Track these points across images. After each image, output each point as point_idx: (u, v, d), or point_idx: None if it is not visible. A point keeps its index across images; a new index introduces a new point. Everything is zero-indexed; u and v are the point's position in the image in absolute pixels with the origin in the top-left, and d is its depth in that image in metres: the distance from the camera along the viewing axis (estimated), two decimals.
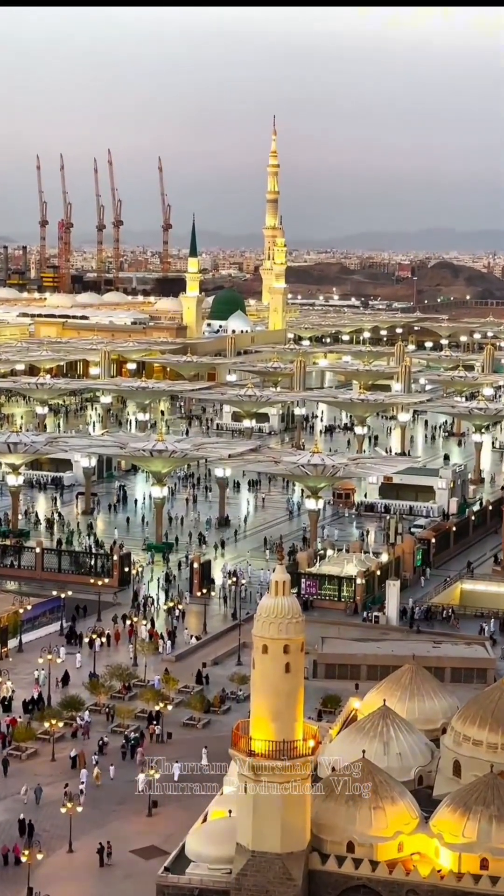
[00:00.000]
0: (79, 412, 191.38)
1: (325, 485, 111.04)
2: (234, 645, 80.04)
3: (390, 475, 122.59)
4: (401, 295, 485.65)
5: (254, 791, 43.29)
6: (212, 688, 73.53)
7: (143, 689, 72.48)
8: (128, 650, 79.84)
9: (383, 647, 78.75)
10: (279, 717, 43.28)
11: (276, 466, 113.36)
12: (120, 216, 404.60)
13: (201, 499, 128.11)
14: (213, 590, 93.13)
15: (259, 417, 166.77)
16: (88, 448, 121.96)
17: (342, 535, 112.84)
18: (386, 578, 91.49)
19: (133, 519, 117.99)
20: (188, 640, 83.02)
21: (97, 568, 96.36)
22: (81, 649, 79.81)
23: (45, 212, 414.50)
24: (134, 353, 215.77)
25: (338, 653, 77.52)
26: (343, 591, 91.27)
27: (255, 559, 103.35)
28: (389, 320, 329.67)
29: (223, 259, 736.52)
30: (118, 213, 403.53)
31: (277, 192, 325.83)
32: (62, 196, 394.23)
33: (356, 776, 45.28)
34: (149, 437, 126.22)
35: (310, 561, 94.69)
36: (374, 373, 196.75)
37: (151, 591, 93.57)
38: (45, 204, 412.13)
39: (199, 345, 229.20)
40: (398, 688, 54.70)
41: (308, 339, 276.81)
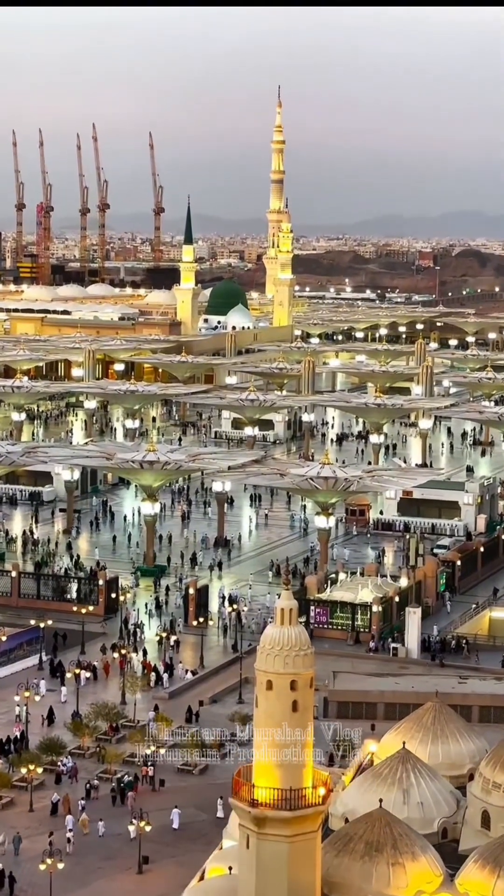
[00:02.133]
0: (60, 419, 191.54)
1: (336, 500, 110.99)
2: (235, 681, 79.97)
3: (410, 489, 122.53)
4: (421, 287, 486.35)
5: (257, 846, 43.19)
6: (209, 729, 73.43)
7: (132, 730, 72.40)
8: (118, 685, 79.75)
9: (402, 683, 78.64)
10: (285, 762, 43.20)
11: (282, 480, 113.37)
12: (106, 199, 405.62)
13: (198, 516, 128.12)
14: (210, 618, 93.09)
15: (262, 425, 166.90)
16: (71, 459, 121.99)
17: (356, 557, 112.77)
18: (405, 605, 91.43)
19: (120, 538, 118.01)
20: (183, 674, 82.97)
21: (81, 594, 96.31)
22: (66, 684, 79.73)
23: (22, 194, 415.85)
24: (122, 353, 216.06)
25: (351, 689, 77.44)
26: (357, 620, 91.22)
27: (258, 583, 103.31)
28: (409, 315, 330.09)
29: (222, 247, 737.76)
30: (104, 195, 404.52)
31: (283, 171, 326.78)
32: (41, 176, 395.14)
33: (373, 828, 45.17)
34: (138, 446, 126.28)
35: (319, 586, 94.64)
36: (391, 374, 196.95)
37: (142, 618, 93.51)
38: (22, 185, 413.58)
39: (194, 343, 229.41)
40: (419, 729, 54.61)
41: (317, 336, 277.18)
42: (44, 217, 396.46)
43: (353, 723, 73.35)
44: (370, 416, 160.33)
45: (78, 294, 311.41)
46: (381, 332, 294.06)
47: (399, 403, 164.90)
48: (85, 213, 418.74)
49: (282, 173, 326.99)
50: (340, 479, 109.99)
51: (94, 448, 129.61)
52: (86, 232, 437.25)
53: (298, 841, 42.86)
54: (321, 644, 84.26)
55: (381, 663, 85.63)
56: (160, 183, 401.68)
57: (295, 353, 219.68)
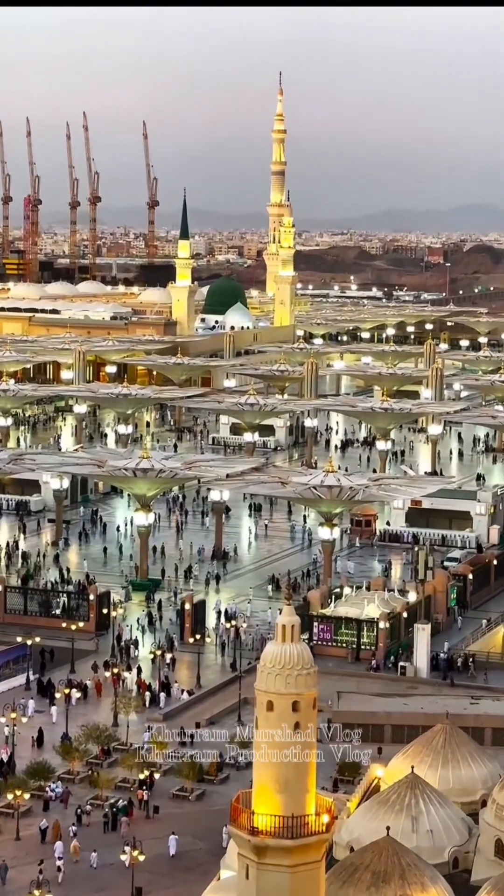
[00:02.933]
0: (48, 424, 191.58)
1: (341, 510, 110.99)
2: (234, 701, 79.95)
3: (419, 499, 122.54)
4: (431, 284, 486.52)
5: (257, 876, 43.17)
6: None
7: (124, 753, 72.38)
8: (110, 705, 79.71)
9: (411, 704, 78.67)
10: (287, 787, 43.19)
11: (283, 488, 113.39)
12: (97, 191, 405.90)
13: (195, 527, 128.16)
14: (207, 635, 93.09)
15: (262, 430, 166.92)
16: (60, 467, 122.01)
17: (361, 571, 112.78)
18: (414, 622, 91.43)
19: (112, 550, 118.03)
20: (179, 695, 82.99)
21: (70, 609, 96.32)
22: (55, 704, 79.71)
23: (9, 186, 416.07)
24: (114, 354, 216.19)
25: (357, 710, 77.42)
26: (363, 637, 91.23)
27: (258, 598, 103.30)
28: (417, 314, 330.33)
29: (220, 242, 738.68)
30: (95, 187, 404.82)
31: (284, 162, 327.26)
32: (28, 168, 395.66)
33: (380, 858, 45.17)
34: (131, 453, 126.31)
35: (323, 601, 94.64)
36: (399, 377, 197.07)
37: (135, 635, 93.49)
38: (9, 177, 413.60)
39: (191, 344, 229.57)
40: (429, 752, 54.65)
41: (321, 336, 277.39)
42: (31, 211, 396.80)
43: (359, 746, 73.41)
44: (376, 421, 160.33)
45: (67, 292, 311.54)
46: (388, 332, 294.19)
47: (407, 408, 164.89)
48: (75, 207, 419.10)
49: (283, 164, 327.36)
50: (345, 487, 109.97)
51: (85, 455, 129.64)
52: (76, 226, 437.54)
53: (301, 871, 42.84)
54: (325, 663, 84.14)
55: (388, 683, 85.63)
56: (154, 175, 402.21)
57: (297, 355, 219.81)
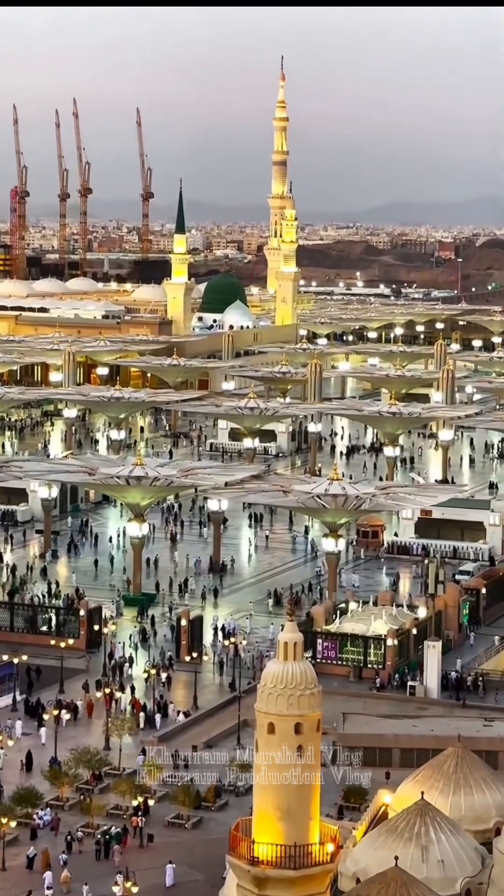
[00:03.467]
0: (36, 429, 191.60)
1: (346, 520, 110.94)
2: (233, 723, 79.89)
3: (429, 508, 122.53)
4: (441, 281, 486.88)
5: None
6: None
7: (116, 778, 72.33)
8: (101, 727, 79.65)
9: (421, 726, 78.57)
10: (289, 814, 43.17)
11: (285, 498, 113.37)
12: (88, 182, 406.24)
13: (191, 538, 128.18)
14: (205, 653, 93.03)
15: (263, 436, 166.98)
16: (48, 475, 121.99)
17: (368, 584, 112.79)
18: (424, 639, 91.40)
19: (103, 563, 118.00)
20: (175, 716, 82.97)
21: (59, 626, 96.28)
22: (45, 725, 79.64)
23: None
24: (106, 355, 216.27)
25: (364, 733, 77.36)
26: (370, 655, 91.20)
27: (258, 614, 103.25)
28: (427, 313, 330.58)
29: (218, 236, 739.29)
30: (86, 178, 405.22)
31: (286, 151, 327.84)
32: (15, 157, 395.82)
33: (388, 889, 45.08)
34: (124, 460, 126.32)
35: (327, 616, 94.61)
36: (408, 379, 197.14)
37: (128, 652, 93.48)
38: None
39: (187, 344, 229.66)
40: (440, 777, 54.53)
41: (325, 336, 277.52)
42: (18, 203, 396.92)
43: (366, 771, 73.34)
44: (384, 426, 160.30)
45: (56, 289, 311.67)
46: (396, 331, 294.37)
47: (417, 412, 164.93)
48: (64, 199, 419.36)
49: (285, 154, 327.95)
50: (351, 496, 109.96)
51: (75, 462, 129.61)
52: (65, 220, 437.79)
53: None
54: (329, 682, 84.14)
55: (397, 704, 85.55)
56: (149, 165, 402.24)
57: (300, 356, 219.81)
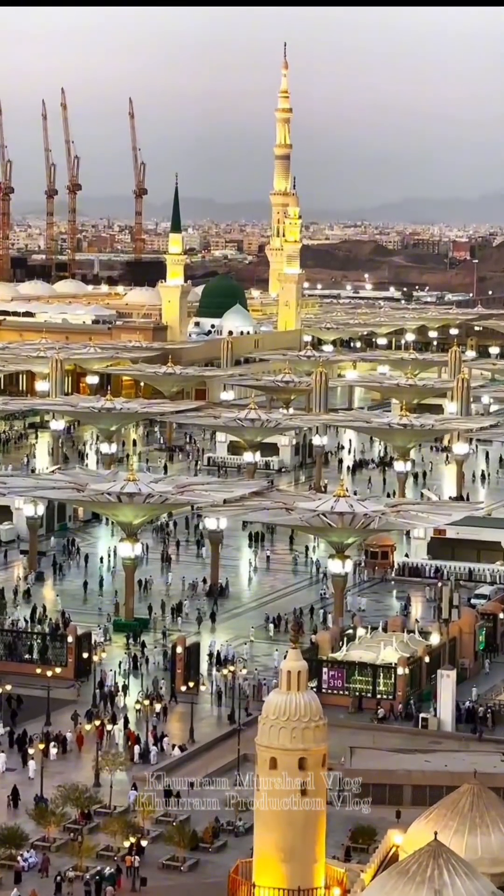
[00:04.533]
0: (21, 442, 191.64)
1: (354, 540, 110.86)
2: (232, 758, 79.81)
3: (442, 527, 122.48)
4: (456, 283, 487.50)
5: None
6: (200, 816, 73.29)
7: (107, 817, 72.21)
8: (91, 762, 79.55)
9: (434, 761, 78.49)
10: (293, 856, 43.14)
11: (289, 515, 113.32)
12: (77, 178, 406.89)
13: (188, 558, 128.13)
14: (202, 683, 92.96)
15: (265, 449, 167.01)
16: (34, 491, 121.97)
17: (377, 609, 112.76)
18: (437, 667, 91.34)
19: (92, 585, 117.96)
20: (170, 750, 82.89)
21: (46, 653, 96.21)
22: (31, 759, 79.50)
23: None
24: (96, 363, 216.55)
25: (373, 769, 77.26)
26: (379, 684, 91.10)
27: (259, 640, 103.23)
28: (441, 317, 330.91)
29: (216, 236, 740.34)
30: (75, 173, 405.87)
31: (290, 145, 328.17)
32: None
33: None
34: (115, 475, 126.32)
35: (334, 643, 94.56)
36: (420, 389, 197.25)
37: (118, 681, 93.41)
38: None
39: (183, 351, 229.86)
40: (454, 816, 54.46)
41: (331, 343, 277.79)
42: (2, 200, 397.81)
43: (375, 809, 73.23)
44: (394, 438, 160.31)
45: (43, 292, 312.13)
46: (407, 337, 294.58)
47: (429, 424, 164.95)
48: (52, 196, 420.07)
49: (288, 147, 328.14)
50: (359, 515, 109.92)
51: (63, 477, 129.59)
52: (53, 218, 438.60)
53: None
54: (335, 714, 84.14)
55: (408, 737, 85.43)
56: (142, 159, 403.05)
57: (304, 363, 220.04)
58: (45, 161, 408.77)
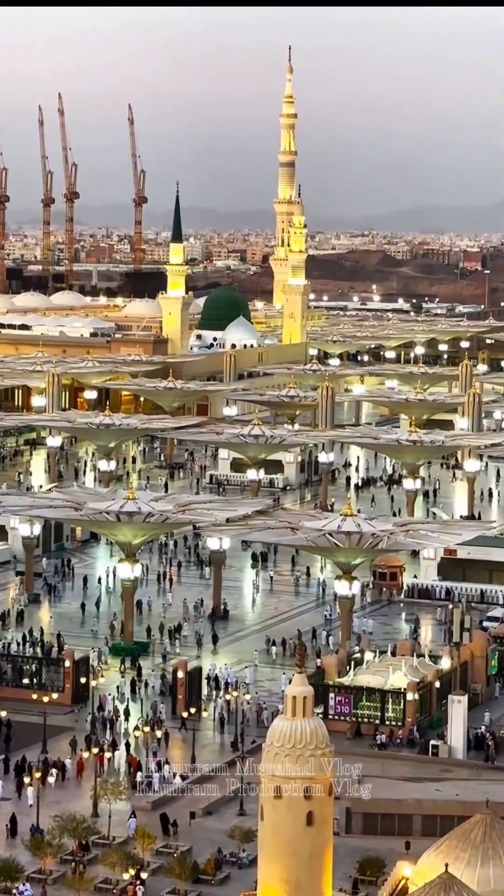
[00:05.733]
0: (16, 459, 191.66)
1: (361, 561, 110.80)
2: (235, 787, 79.70)
3: (453, 547, 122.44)
4: (467, 295, 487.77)
5: None
6: (202, 847, 73.20)
7: (105, 848, 72.11)
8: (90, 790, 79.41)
9: (445, 790, 78.36)
10: (298, 888, 43.10)
11: (294, 535, 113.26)
12: (75, 186, 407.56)
13: (190, 580, 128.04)
14: (204, 709, 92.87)
15: (269, 467, 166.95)
16: (30, 510, 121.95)
17: (386, 632, 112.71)
18: (448, 692, 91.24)
19: (89, 607, 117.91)
20: (170, 779, 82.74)
21: (42, 678, 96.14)
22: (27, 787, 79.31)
23: None
24: (94, 377, 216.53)
25: (381, 798, 77.14)
26: (388, 710, 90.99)
27: (262, 664, 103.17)
28: (451, 330, 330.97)
29: (219, 245, 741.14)
30: (72, 181, 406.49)
31: (294, 151, 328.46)
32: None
33: None
34: (114, 494, 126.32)
35: (340, 668, 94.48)
36: (430, 404, 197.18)
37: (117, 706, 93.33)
38: None
39: (184, 365, 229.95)
40: (466, 847, 54.40)
41: (338, 356, 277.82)
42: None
43: (383, 840, 73.15)
44: (403, 455, 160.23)
45: (40, 304, 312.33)
46: (416, 351, 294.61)
47: (439, 440, 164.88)
48: (48, 204, 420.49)
49: (293, 154, 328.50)
50: (366, 534, 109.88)
51: (60, 496, 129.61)
52: (49, 227, 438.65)
53: None
54: (342, 741, 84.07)
55: (418, 765, 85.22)
56: (142, 167, 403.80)
57: (310, 378, 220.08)
58: (42, 168, 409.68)
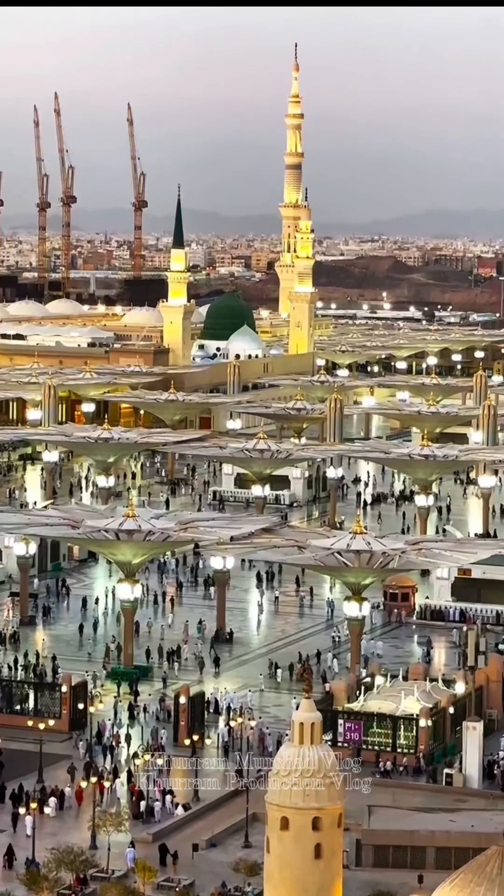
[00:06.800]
0: (11, 475, 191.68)
1: (371, 581, 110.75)
2: (240, 818, 79.66)
3: (467, 567, 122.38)
4: (482, 302, 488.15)
5: None
6: (205, 880, 73.17)
7: (104, 882, 72.09)
8: (88, 821, 79.34)
9: (460, 821, 78.28)
10: None
11: (301, 554, 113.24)
12: (72, 189, 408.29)
13: (193, 600, 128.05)
14: (208, 736, 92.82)
15: (275, 482, 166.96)
16: (25, 528, 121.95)
17: (397, 655, 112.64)
18: (463, 718, 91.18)
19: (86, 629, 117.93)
20: (172, 809, 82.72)
21: (38, 704, 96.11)
22: (22, 818, 79.25)
23: None
24: (92, 389, 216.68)
25: (393, 829, 77.10)
26: (400, 737, 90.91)
27: (269, 689, 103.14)
28: (465, 339, 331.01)
29: (222, 251, 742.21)
30: (69, 184, 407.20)
31: (301, 153, 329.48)
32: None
33: None
34: (113, 511, 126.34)
35: (350, 693, 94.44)
36: (443, 417, 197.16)
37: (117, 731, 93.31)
38: None
39: (186, 376, 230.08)
40: (482, 881, 54.34)
41: (346, 367, 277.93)
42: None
43: (395, 873, 73.04)
44: (415, 470, 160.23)
45: (35, 313, 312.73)
46: (429, 361, 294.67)
47: (453, 455, 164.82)
48: (44, 209, 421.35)
49: (300, 156, 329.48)
50: (377, 553, 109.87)
51: (56, 513, 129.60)
52: (45, 233, 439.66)
53: None
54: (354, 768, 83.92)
55: (431, 795, 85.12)
56: (141, 169, 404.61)
57: (317, 389, 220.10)
58: (37, 171, 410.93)
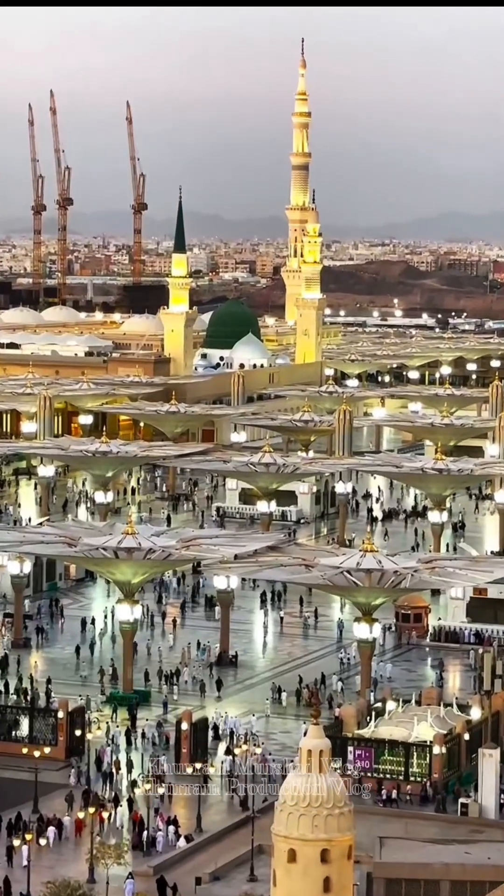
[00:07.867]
0: (4, 490, 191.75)
1: (382, 601, 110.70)
2: (245, 850, 79.61)
3: (483, 586, 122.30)
4: (498, 309, 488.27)
5: None
6: None
7: None
8: (86, 853, 79.24)
9: (475, 853, 78.17)
10: None
11: (309, 573, 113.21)
12: (68, 192, 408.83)
13: (195, 621, 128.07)
14: (211, 764, 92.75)
15: (281, 498, 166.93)
16: (19, 546, 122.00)
17: (409, 679, 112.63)
18: (479, 745, 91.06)
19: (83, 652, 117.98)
20: (174, 841, 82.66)
21: (33, 730, 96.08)
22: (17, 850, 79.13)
23: None
24: (89, 400, 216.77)
25: (405, 862, 77.00)
26: (412, 765, 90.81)
27: (275, 715, 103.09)
28: (481, 348, 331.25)
29: (225, 256, 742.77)
30: (65, 186, 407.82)
31: (308, 153, 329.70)
32: None
33: None
34: (112, 528, 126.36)
35: (360, 718, 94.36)
36: (457, 429, 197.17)
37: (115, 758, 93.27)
38: None
39: (188, 386, 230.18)
40: None
41: (356, 377, 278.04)
42: None
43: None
44: (429, 485, 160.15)
45: (30, 320, 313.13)
46: (442, 371, 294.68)
47: (468, 469, 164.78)
48: (39, 212, 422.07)
49: (307, 156, 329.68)
50: (388, 572, 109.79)
51: (52, 531, 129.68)
52: (41, 236, 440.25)
53: None
54: (362, 799, 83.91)
55: (446, 826, 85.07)
56: (141, 170, 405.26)
57: (325, 400, 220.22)
58: (32, 173, 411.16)
